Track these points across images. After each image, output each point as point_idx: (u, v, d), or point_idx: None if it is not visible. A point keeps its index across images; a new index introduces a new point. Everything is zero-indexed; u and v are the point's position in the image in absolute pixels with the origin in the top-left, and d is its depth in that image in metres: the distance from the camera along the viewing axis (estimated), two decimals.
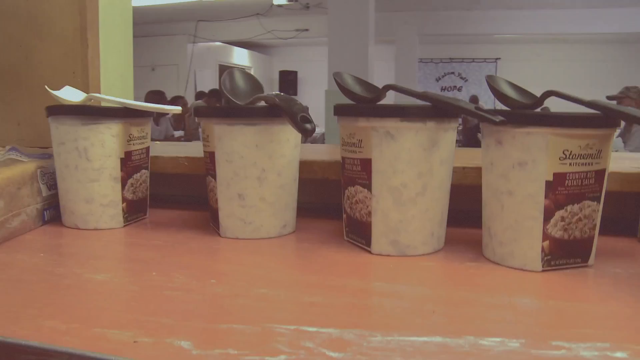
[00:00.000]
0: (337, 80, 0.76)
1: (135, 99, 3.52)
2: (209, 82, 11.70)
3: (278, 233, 0.77)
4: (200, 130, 4.00)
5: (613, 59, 13.10)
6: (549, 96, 0.67)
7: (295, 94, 13.70)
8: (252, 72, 6.78)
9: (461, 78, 13.82)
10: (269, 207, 0.75)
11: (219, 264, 0.68)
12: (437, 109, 0.63)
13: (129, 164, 0.83)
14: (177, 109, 0.86)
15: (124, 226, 0.84)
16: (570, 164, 0.58)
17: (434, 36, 10.85)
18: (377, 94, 0.72)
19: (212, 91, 7.63)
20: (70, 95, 0.88)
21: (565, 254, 0.61)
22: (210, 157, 0.76)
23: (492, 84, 0.72)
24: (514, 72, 13.42)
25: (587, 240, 0.62)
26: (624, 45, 12.86)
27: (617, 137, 5.28)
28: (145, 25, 10.84)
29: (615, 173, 0.76)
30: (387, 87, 0.71)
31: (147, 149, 0.89)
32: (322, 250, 0.71)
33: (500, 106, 0.71)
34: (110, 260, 0.71)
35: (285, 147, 0.74)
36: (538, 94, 0.70)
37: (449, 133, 0.66)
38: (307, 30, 10.24)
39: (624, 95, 4.71)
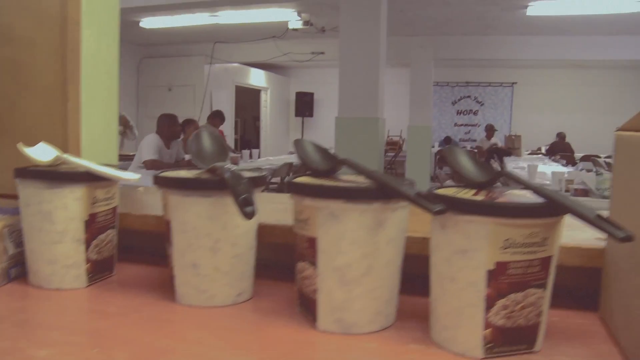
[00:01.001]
0: (297, 148, 0.76)
1: (150, 118, 3.55)
2: (225, 102, 11.78)
3: (233, 301, 0.77)
4: None
5: (629, 85, 13.01)
6: (499, 177, 0.66)
7: (312, 115, 13.77)
8: (268, 93, 6.91)
9: (477, 102, 13.80)
10: (223, 276, 0.75)
11: (164, 339, 0.68)
12: (383, 190, 0.63)
13: (93, 226, 0.84)
14: (135, 176, 0.86)
15: (88, 286, 0.84)
16: (512, 253, 0.58)
17: (450, 60, 10.84)
18: (332, 166, 0.72)
19: (215, 112, 7.69)
20: (42, 153, 0.89)
21: (508, 341, 0.60)
22: (167, 225, 0.76)
23: (449, 156, 0.72)
24: (530, 96, 13.40)
25: (533, 327, 0.61)
26: (639, 71, 12.78)
27: None
28: (163, 47, 11.00)
29: (576, 248, 0.75)
30: (342, 162, 0.71)
31: (114, 208, 0.89)
32: (272, 322, 0.71)
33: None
34: (60, 330, 0.71)
35: (240, 218, 0.74)
36: (554, 118, 0.69)
37: (398, 212, 0.65)
38: (322, 53, 10.30)
39: None
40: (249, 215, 0.63)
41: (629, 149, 0.69)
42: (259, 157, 8.14)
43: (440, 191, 0.64)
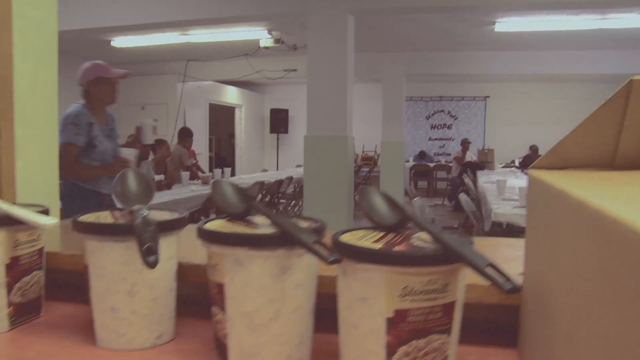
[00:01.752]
0: (214, 190, 0.76)
1: (124, 137, 3.50)
2: (198, 120, 11.77)
3: (152, 344, 0.76)
4: (182, 173, 3.97)
5: (600, 98, 12.92)
6: (407, 222, 0.67)
7: (286, 131, 13.80)
8: (243, 110, 6.89)
9: (451, 116, 13.93)
10: (142, 319, 0.75)
11: None
12: (286, 237, 0.63)
13: (15, 269, 0.83)
14: (52, 222, 0.85)
15: (10, 330, 0.83)
16: (411, 301, 0.58)
17: (421, 75, 10.94)
18: (246, 208, 0.73)
19: (182, 131, 7.69)
20: None
21: None
22: (85, 269, 0.76)
23: (361, 197, 0.72)
24: (503, 110, 13.56)
25: None
26: (610, 84, 12.94)
27: None
28: (135, 65, 10.93)
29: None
30: (253, 207, 0.71)
31: (40, 250, 0.88)
32: None
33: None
34: None
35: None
36: (527, 131, 0.70)
37: (306, 257, 0.66)
38: (295, 70, 10.34)
39: None
40: (151, 265, 0.63)
41: (541, 187, 0.70)
42: (231, 176, 8.11)
43: (346, 236, 0.64)
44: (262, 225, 0.70)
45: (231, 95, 13.40)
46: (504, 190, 5.45)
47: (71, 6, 6.18)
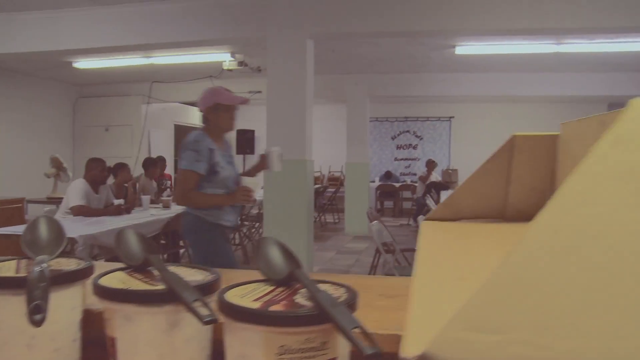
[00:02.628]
0: (117, 240, 0.78)
1: (85, 159, 3.50)
2: (163, 142, 11.72)
3: None
4: (141, 198, 3.90)
5: (562, 118, 13.39)
6: (294, 278, 0.69)
7: (253, 152, 13.76)
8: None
9: (416, 136, 14.06)
10: None
11: None
12: (173, 293, 0.65)
13: None
14: None
15: None
16: (289, 359, 0.59)
17: (386, 97, 11.05)
18: (145, 261, 0.74)
19: (146, 161, 7.68)
20: None
21: None
22: None
23: (257, 249, 0.74)
24: (467, 130, 13.74)
25: None
26: (572, 104, 13.26)
27: None
28: (99, 86, 10.89)
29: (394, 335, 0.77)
30: (149, 260, 0.73)
31: None
32: None
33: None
34: None
35: (58, 313, 0.74)
36: (492, 150, 0.71)
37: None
38: (259, 92, 10.37)
39: None
40: (37, 324, 0.64)
41: (432, 234, 0.72)
42: None
43: (232, 292, 0.66)
44: (154, 279, 0.72)
45: (197, 116, 13.33)
46: None
47: (32, 29, 6.15)
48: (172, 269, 0.75)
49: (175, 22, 5.73)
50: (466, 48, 7.29)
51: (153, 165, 7.62)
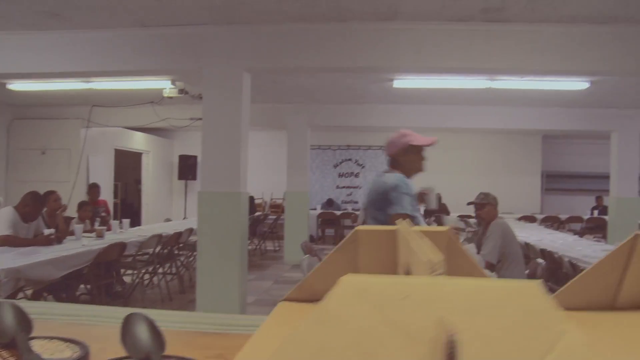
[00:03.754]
0: None
1: (22, 182, 3.44)
2: (102, 166, 11.55)
3: None
4: (74, 227, 3.82)
5: (498, 148, 13.92)
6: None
7: (195, 178, 13.72)
8: (150, 156, 6.78)
9: (358, 165, 14.25)
10: None
11: None
12: None
13: None
14: None
15: None
16: None
17: (327, 126, 11.17)
18: (11, 339, 0.76)
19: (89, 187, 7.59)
20: None
21: None
22: None
23: (123, 326, 0.77)
24: None
25: None
26: (509, 135, 13.70)
27: (469, 243, 5.55)
28: (36, 108, 10.68)
29: None
30: (17, 340, 0.75)
31: None
32: None
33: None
34: None
35: None
36: (431, 179, 0.74)
37: None
38: (200, 119, 10.34)
39: (486, 202, 5.00)
40: None
41: (285, 313, 0.76)
42: (132, 226, 7.95)
43: None
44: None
45: (138, 141, 13.23)
46: None
47: None
48: (43, 343, 0.78)
49: (114, 51, 5.70)
50: (403, 82, 7.47)
51: (93, 188, 7.56)
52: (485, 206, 4.99)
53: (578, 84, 7.39)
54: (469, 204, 5.44)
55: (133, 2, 4.82)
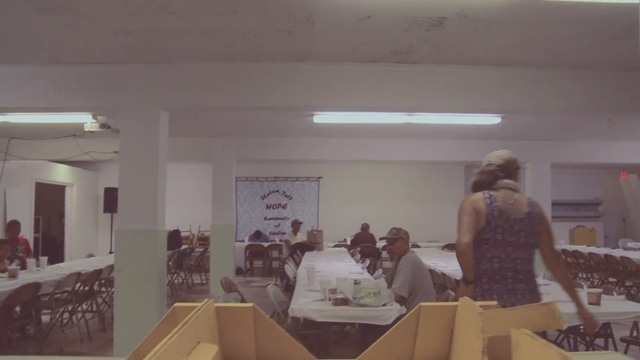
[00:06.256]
0: None
1: None
2: (21, 200, 11.25)
3: None
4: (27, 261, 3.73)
5: (425, 178, 14.30)
6: None
7: None
8: (74, 189, 6.70)
9: (286, 196, 14.35)
10: None
11: None
12: None
13: None
14: None
15: None
16: None
17: (253, 159, 11.25)
18: None
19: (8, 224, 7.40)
20: None
21: None
22: None
23: None
24: (335, 190, 14.20)
25: None
26: (433, 166, 14.09)
27: (380, 277, 5.70)
28: None
29: None
30: None
31: None
32: None
33: None
34: None
35: None
36: (358, 209, 0.80)
37: None
38: None
39: (397, 237, 5.17)
40: None
41: None
42: (51, 263, 7.77)
43: None
44: None
45: (62, 174, 12.95)
46: (314, 277, 5.62)
47: None
48: None
49: (30, 87, 5.63)
50: (323, 117, 7.64)
51: (12, 226, 7.38)
52: (397, 241, 5.17)
53: (490, 119, 7.74)
54: (381, 239, 5.62)
55: (48, 39, 4.79)
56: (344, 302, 4.31)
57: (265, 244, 12.99)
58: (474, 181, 3.22)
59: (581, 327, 4.30)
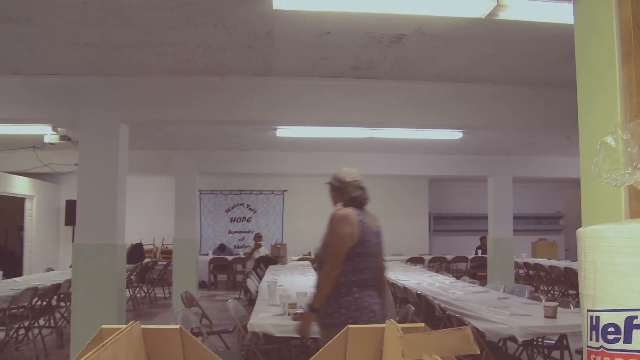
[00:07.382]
0: None
1: None
2: None
3: None
4: None
5: (389, 192, 14.36)
6: None
7: None
8: (34, 202, 6.58)
9: (250, 209, 14.30)
10: None
11: None
12: None
13: None
14: None
15: None
16: None
17: (216, 173, 11.22)
18: None
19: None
20: None
21: None
22: None
23: None
24: (300, 203, 14.19)
25: None
26: (397, 179, 14.18)
27: None
28: None
29: None
30: None
31: None
32: None
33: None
34: None
35: None
36: (324, 223, 0.79)
37: None
38: None
39: None
40: None
41: None
42: (8, 277, 7.62)
43: None
44: None
45: (21, 186, 12.71)
46: (275, 293, 5.58)
47: None
48: None
49: None
50: (286, 131, 7.63)
51: None
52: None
53: (452, 134, 7.84)
54: None
55: (3, 50, 4.73)
56: (302, 316, 4.29)
57: (230, 258, 12.91)
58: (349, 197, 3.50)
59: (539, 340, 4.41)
